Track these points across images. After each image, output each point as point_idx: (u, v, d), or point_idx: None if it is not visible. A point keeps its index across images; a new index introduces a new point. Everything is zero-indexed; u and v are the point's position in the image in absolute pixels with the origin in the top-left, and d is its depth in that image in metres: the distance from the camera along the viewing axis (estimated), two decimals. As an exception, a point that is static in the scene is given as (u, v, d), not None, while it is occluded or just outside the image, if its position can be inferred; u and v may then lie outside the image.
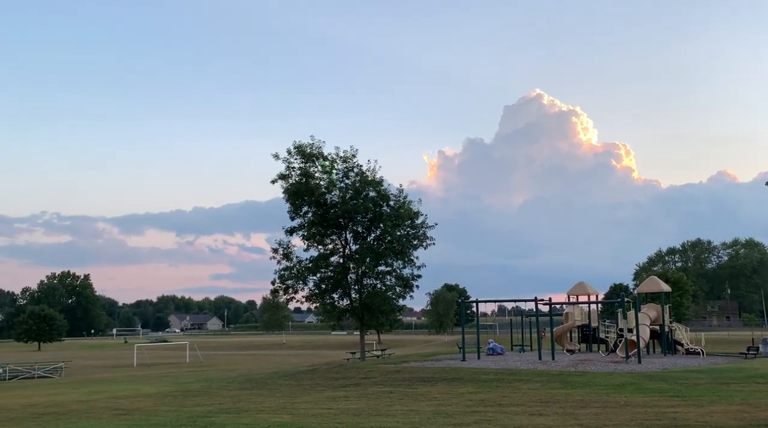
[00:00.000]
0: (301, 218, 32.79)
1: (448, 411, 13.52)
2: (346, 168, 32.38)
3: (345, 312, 34.52)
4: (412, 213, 32.42)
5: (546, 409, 13.43)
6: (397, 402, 15.27)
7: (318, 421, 12.48)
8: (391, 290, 33.07)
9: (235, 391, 19.63)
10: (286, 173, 32.04)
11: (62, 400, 18.77)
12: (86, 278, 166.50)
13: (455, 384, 18.75)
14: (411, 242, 32.59)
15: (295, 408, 14.85)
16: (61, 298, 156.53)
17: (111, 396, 19.64)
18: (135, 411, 15.35)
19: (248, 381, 23.01)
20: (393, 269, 32.94)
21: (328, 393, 17.69)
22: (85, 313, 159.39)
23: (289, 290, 33.09)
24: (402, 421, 12.24)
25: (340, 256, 33.36)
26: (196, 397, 18.25)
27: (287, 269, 32.82)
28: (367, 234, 32.95)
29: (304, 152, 31.75)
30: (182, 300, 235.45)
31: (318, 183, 32.07)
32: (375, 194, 32.11)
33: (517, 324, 39.03)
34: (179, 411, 14.90)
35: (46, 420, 14.19)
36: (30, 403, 18.19)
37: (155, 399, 18.00)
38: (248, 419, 13.13)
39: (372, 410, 13.93)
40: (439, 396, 16.21)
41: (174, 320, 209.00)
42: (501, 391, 16.76)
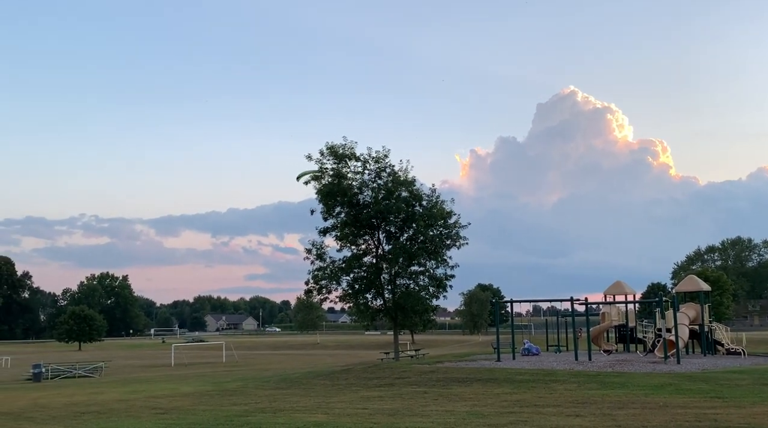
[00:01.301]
0: (334, 219, 32.91)
1: (483, 411, 13.45)
2: (378, 168, 32.40)
3: (378, 312, 34.56)
4: (445, 213, 32.29)
5: (583, 410, 13.27)
6: (432, 402, 15.24)
7: (353, 421, 12.52)
8: (425, 291, 32.98)
9: (271, 390, 19.80)
10: (319, 174, 32.20)
11: (102, 399, 19.14)
12: (125, 279, 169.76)
13: (490, 384, 18.63)
14: (444, 241, 32.47)
15: (330, 407, 14.92)
16: (100, 299, 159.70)
17: (150, 395, 19.96)
18: (173, 410, 15.59)
19: (283, 381, 23.19)
20: (426, 270, 32.86)
21: (362, 393, 17.74)
22: (124, 313, 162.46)
23: (322, 291, 33.24)
24: (437, 421, 12.22)
25: (373, 256, 33.39)
26: (233, 396, 18.46)
27: (321, 269, 32.97)
28: (399, 234, 32.93)
29: (336, 152, 31.87)
30: (218, 300, 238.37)
31: (350, 184, 32.16)
32: (407, 194, 32.06)
33: (553, 324, 38.62)
34: (216, 411, 15.09)
35: (87, 418, 14.49)
36: (71, 402, 18.57)
37: (193, 398, 18.25)
38: (284, 418, 13.23)
39: (407, 410, 13.92)
40: (474, 396, 16.13)
41: (210, 320, 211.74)
42: (537, 392, 16.61)
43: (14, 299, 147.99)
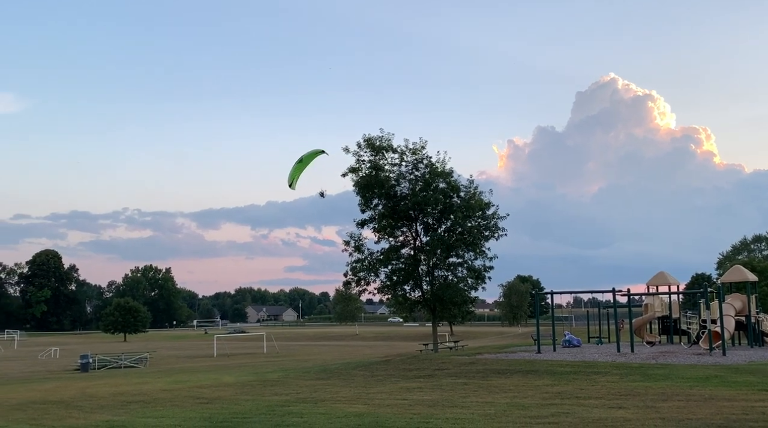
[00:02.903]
0: (371, 211, 33.02)
1: (524, 403, 13.38)
2: (415, 160, 32.35)
3: (417, 304, 34.61)
4: (483, 204, 32.10)
5: (626, 402, 13.10)
6: (472, 393, 15.22)
7: (393, 412, 12.58)
8: (463, 282, 32.89)
9: (311, 381, 20.00)
10: (356, 166, 32.29)
11: (148, 389, 19.57)
12: (168, 272, 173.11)
13: (531, 376, 18.52)
14: (482, 233, 32.29)
15: (369, 398, 15.02)
16: (144, 291, 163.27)
17: (194, 385, 20.35)
18: (217, 399, 15.87)
19: (323, 372, 23.40)
20: (464, 261, 32.76)
21: (402, 384, 17.80)
22: (168, 305, 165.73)
23: (361, 282, 33.41)
24: (477, 413, 12.20)
25: (411, 248, 33.40)
26: (274, 386, 18.70)
27: (359, 261, 33.13)
28: (437, 226, 32.87)
29: (373, 145, 31.91)
30: (258, 292, 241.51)
31: (388, 176, 32.19)
32: (445, 185, 31.95)
33: (594, 315, 38.14)
34: (258, 400, 15.32)
35: (133, 407, 14.84)
36: (118, 392, 19.02)
37: (235, 389, 18.55)
38: (324, 408, 13.37)
39: (446, 401, 13.93)
40: (515, 388, 16.05)
41: (251, 311, 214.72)
42: (578, 384, 16.45)
43: (62, 291, 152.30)
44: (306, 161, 21.43)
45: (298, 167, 21.50)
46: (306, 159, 21.40)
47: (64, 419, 13.23)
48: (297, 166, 21.42)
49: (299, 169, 21.53)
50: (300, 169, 21.53)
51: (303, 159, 21.38)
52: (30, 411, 14.75)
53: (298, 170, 21.55)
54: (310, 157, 21.47)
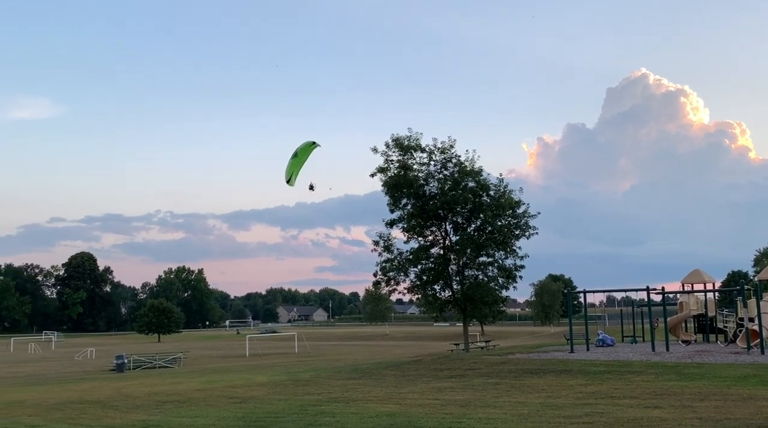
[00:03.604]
0: (400, 210, 33.02)
1: (558, 403, 13.25)
2: (444, 159, 32.27)
3: (447, 304, 34.51)
4: (513, 202, 31.90)
5: (661, 402, 12.89)
6: (504, 393, 15.11)
7: (425, 411, 12.55)
8: (494, 281, 32.72)
9: (343, 381, 20.05)
10: (385, 166, 32.32)
11: (182, 389, 19.79)
12: (200, 273, 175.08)
13: (564, 376, 18.33)
14: (513, 232, 32.09)
15: (401, 398, 15.00)
16: (177, 292, 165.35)
17: (227, 384, 20.53)
18: (250, 399, 16.00)
19: (355, 371, 23.44)
20: (495, 260, 32.59)
21: (433, 384, 17.75)
22: (200, 306, 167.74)
23: (390, 282, 33.45)
24: (510, 413, 12.11)
25: (441, 247, 33.34)
26: (306, 386, 18.79)
27: (388, 261, 33.17)
28: (467, 225, 32.76)
29: (402, 144, 31.90)
30: (289, 292, 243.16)
31: (416, 175, 32.15)
32: (474, 184, 31.83)
33: (628, 314, 37.63)
34: (291, 400, 15.41)
35: (168, 407, 15.02)
36: (153, 391, 19.27)
37: (268, 388, 18.68)
38: (356, 408, 13.39)
39: (479, 401, 13.86)
40: (548, 388, 15.90)
41: (282, 311, 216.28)
42: (612, 383, 16.24)
43: (97, 293, 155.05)
44: (302, 155, 20.88)
45: (295, 161, 20.90)
46: (301, 153, 20.91)
47: (101, 418, 13.45)
48: (293, 161, 20.92)
49: (296, 163, 20.85)
50: (297, 164, 20.78)
51: (298, 153, 20.88)
52: (68, 411, 15.03)
53: (295, 165, 20.92)
54: (304, 151, 20.83)
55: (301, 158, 20.93)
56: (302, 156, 20.92)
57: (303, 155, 20.93)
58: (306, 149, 20.95)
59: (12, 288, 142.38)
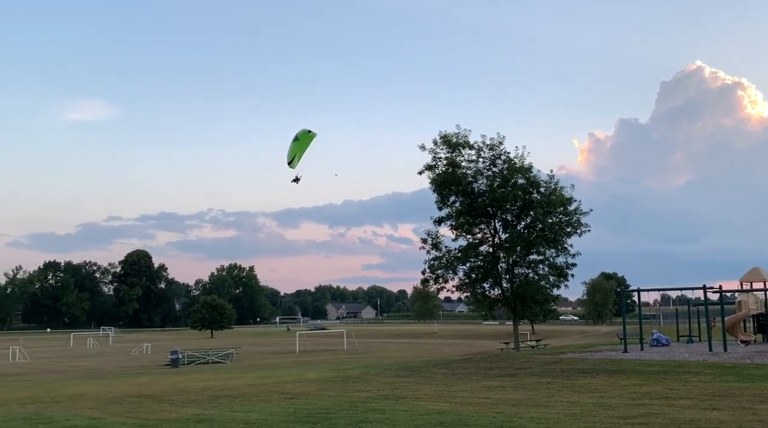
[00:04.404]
0: (448, 208, 32.86)
1: (611, 403, 13.00)
2: (493, 156, 31.97)
3: (496, 302, 34.21)
4: (565, 199, 31.39)
5: (720, 403, 12.52)
6: (556, 393, 14.91)
7: (476, 410, 12.47)
8: (544, 280, 32.28)
9: (392, 378, 20.09)
10: (433, 164, 32.20)
11: (235, 384, 20.13)
12: (251, 270, 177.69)
13: (617, 376, 17.98)
14: (564, 229, 31.59)
15: (451, 396, 14.95)
16: (229, 288, 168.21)
17: (278, 380, 20.79)
18: (301, 395, 16.18)
19: (404, 369, 23.46)
20: (546, 258, 32.13)
21: (483, 383, 17.63)
22: (251, 302, 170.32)
23: (439, 280, 33.33)
24: (562, 413, 11.94)
25: (490, 245, 33.06)
26: (356, 383, 18.89)
27: (437, 258, 33.04)
28: (516, 222, 32.40)
29: (450, 141, 31.73)
30: (337, 290, 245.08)
31: (465, 172, 31.94)
32: (524, 181, 31.45)
33: (683, 313, 36.67)
34: (341, 396, 15.52)
35: (221, 402, 15.29)
36: (206, 386, 19.63)
37: (318, 384, 18.85)
38: (406, 406, 13.39)
39: (530, 401, 13.71)
40: (600, 388, 15.62)
41: (331, 309, 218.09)
42: (668, 384, 15.85)
43: (152, 289, 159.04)
44: (302, 140, 20.96)
45: (296, 145, 21.01)
46: (302, 138, 21.00)
47: (158, 412, 13.77)
48: (295, 144, 21.04)
49: (298, 147, 21.00)
50: (299, 147, 20.99)
51: (299, 137, 20.97)
52: (126, 405, 15.44)
53: (297, 148, 21.03)
54: (304, 137, 20.99)
55: (302, 143, 21.11)
56: (303, 141, 21.10)
57: (303, 141, 21.11)
58: (305, 136, 21.10)
59: (71, 285, 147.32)
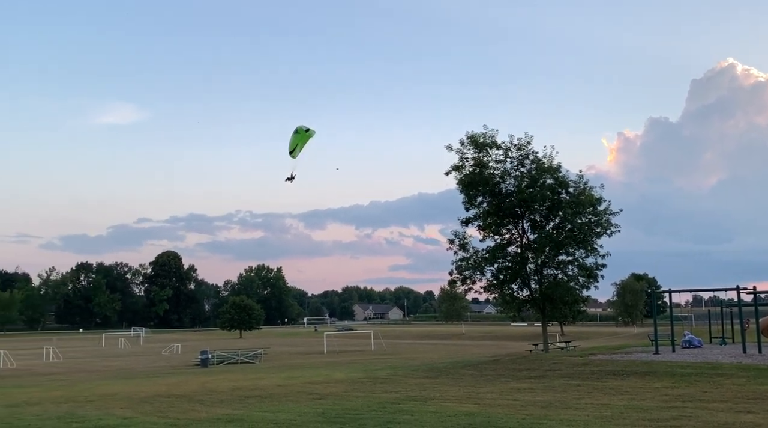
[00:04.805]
0: (475, 209, 32.68)
1: (642, 405, 12.84)
2: (520, 156, 31.72)
3: (525, 303, 33.93)
4: (594, 199, 31.03)
5: (755, 406, 12.29)
6: (586, 395, 14.77)
7: (505, 412, 12.40)
8: (574, 281, 31.94)
9: (420, 379, 20.07)
10: (460, 164, 32.05)
11: (264, 384, 20.29)
12: (279, 271, 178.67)
13: (648, 377, 17.75)
14: (593, 229, 31.21)
15: (480, 397, 14.89)
16: (257, 289, 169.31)
17: (306, 381, 20.91)
18: (329, 395, 16.24)
19: (432, 370, 23.43)
20: (575, 259, 31.78)
21: (512, 385, 17.53)
22: (279, 303, 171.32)
23: (466, 281, 33.14)
24: (592, 415, 11.82)
25: (518, 246, 32.79)
26: (384, 384, 18.91)
27: (464, 259, 32.87)
28: (545, 223, 32.10)
29: (477, 141, 31.56)
30: (364, 291, 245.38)
31: (492, 173, 31.75)
32: (553, 181, 31.16)
33: (716, 315, 36.04)
34: (369, 397, 15.55)
35: (251, 402, 15.42)
36: (236, 386, 19.81)
37: (346, 385, 18.91)
38: (434, 407, 13.37)
39: (560, 402, 13.59)
40: (632, 390, 15.44)
41: (358, 309, 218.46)
42: (701, 386, 15.60)
43: (182, 290, 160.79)
44: (302, 135, 21.17)
45: (297, 137, 21.24)
46: (301, 133, 21.17)
47: (188, 412, 13.93)
48: (296, 136, 21.24)
49: (299, 139, 21.24)
50: (301, 139, 21.24)
51: (298, 131, 21.22)
52: (157, 404, 15.65)
53: (299, 140, 21.27)
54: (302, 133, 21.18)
55: (302, 137, 21.35)
56: (302, 136, 21.35)
57: (302, 136, 21.37)
58: (303, 134, 21.37)
59: (103, 286, 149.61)
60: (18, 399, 18.13)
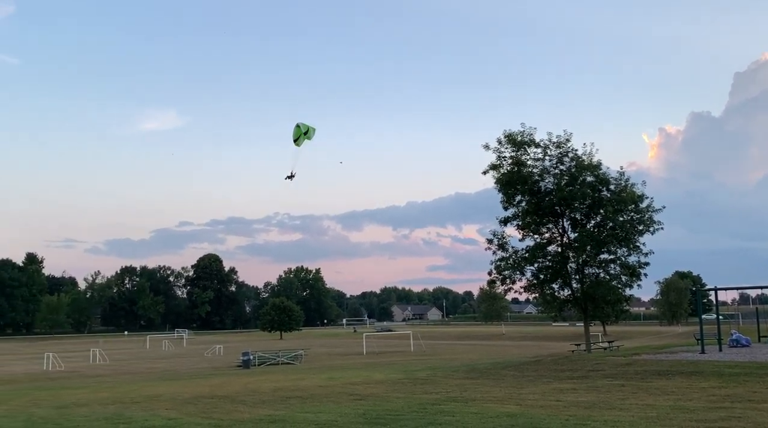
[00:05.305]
0: (514, 208, 32.42)
1: (689, 406, 12.55)
2: (560, 154, 31.37)
3: (566, 303, 33.52)
4: (636, 196, 30.49)
5: (808, 408, 11.91)
6: (631, 395, 14.50)
7: (547, 413, 12.26)
8: (616, 280, 31.43)
9: (460, 380, 19.97)
10: (497, 163, 31.82)
11: (305, 385, 20.42)
12: (317, 272, 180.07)
13: (695, 377, 17.35)
14: (636, 227, 30.68)
15: (521, 398, 14.74)
16: (296, 291, 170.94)
17: (347, 381, 20.97)
18: (369, 396, 16.27)
19: (472, 371, 23.30)
20: (617, 257, 31.28)
21: (554, 385, 17.32)
22: (318, 304, 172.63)
23: (506, 281, 32.87)
24: (637, 415, 11.60)
25: (558, 245, 32.44)
26: (424, 385, 18.86)
27: (503, 259, 32.62)
28: (586, 221, 31.67)
29: (515, 140, 31.30)
30: (403, 291, 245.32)
31: (531, 171, 31.46)
32: (593, 178, 30.75)
33: (764, 313, 35.09)
34: (409, 398, 15.52)
35: (292, 402, 15.54)
36: (278, 387, 19.98)
37: (386, 386, 18.91)
38: (476, 408, 13.28)
39: (603, 403, 13.38)
40: (677, 390, 15.11)
41: (396, 310, 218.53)
42: (750, 386, 15.18)
43: (223, 292, 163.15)
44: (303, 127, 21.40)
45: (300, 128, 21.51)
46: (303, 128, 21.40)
47: (231, 413, 14.10)
48: (297, 129, 21.47)
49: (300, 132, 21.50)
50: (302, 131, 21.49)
51: (299, 125, 21.43)
52: (200, 405, 15.87)
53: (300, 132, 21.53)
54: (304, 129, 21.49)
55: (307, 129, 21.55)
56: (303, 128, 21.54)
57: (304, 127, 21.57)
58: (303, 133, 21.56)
59: (147, 289, 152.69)
60: (67, 401, 18.58)
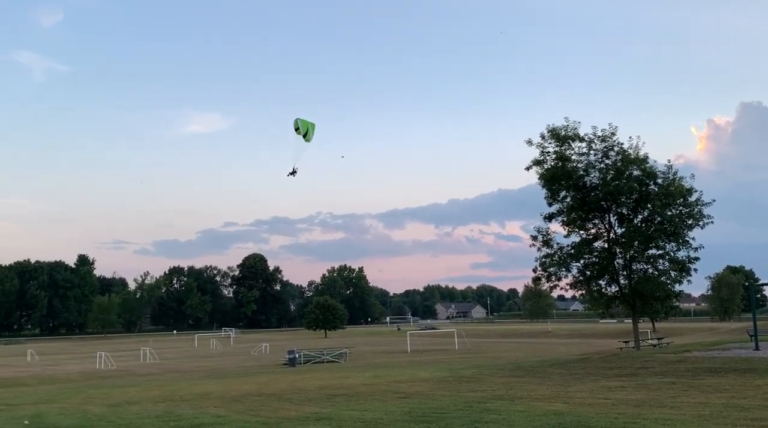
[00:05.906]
0: (559, 204, 31.99)
1: (743, 404, 12.20)
2: (605, 148, 30.82)
3: (614, 299, 32.93)
4: (684, 190, 29.75)
5: None
6: (682, 393, 14.17)
7: (595, 411, 12.06)
8: (665, 275, 30.73)
9: (506, 378, 19.81)
10: (541, 159, 31.45)
11: (350, 383, 20.52)
12: (360, 271, 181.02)
13: (749, 375, 16.86)
14: (685, 221, 29.94)
15: (569, 396, 14.54)
16: (340, 289, 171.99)
17: (391, 380, 21.01)
18: (414, 394, 16.25)
19: (518, 369, 23.09)
20: (666, 252, 30.58)
21: (602, 383, 17.04)
22: (362, 303, 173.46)
23: (551, 278, 32.48)
24: (689, 414, 11.33)
25: (605, 240, 31.89)
26: (469, 383, 18.76)
27: (548, 256, 32.22)
28: (633, 216, 31.06)
29: (558, 135, 30.87)
30: (446, 289, 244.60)
31: (575, 166, 30.99)
32: (639, 172, 30.12)
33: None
34: (455, 396, 15.46)
35: (338, 401, 15.62)
36: (323, 385, 20.12)
37: (431, 384, 18.87)
38: (522, 406, 13.15)
39: (654, 401, 13.10)
40: (731, 388, 14.69)
41: (440, 308, 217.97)
42: (809, 385, 14.68)
43: (268, 291, 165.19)
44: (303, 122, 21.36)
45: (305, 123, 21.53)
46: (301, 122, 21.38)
47: (278, 410, 14.25)
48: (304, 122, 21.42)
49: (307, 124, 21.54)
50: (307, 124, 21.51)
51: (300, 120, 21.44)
52: (248, 403, 16.09)
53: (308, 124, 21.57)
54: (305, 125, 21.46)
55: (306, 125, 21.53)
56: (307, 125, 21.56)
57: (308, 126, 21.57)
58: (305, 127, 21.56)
59: (194, 289, 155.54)
60: (119, 399, 19.03)
